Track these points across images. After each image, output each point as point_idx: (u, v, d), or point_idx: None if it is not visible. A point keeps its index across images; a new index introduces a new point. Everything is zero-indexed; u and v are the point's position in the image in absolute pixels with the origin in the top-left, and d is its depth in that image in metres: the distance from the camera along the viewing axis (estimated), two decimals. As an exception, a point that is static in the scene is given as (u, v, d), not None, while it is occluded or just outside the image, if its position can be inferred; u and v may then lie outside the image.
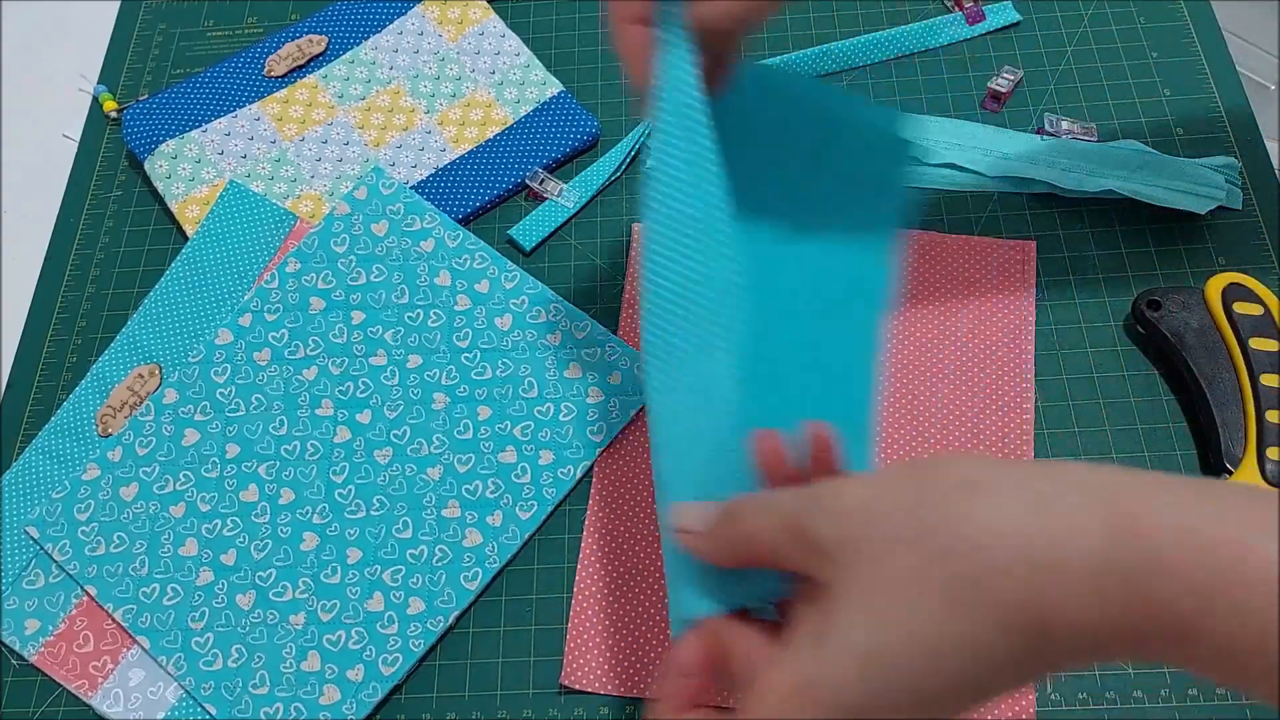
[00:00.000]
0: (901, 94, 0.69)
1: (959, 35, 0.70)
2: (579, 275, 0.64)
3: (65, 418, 0.60)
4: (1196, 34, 0.69)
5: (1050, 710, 0.51)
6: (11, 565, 0.56)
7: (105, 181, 0.71)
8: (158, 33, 0.77)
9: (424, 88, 0.70)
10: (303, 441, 0.58)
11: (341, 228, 0.63)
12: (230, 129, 0.69)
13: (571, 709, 0.52)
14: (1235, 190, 0.62)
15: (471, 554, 0.56)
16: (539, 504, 0.57)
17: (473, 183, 0.67)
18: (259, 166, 0.68)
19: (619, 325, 0.62)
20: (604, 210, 0.66)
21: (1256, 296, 0.56)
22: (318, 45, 0.72)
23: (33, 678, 0.55)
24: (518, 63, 0.71)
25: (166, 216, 0.68)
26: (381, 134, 0.69)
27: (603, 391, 0.59)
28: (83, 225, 0.69)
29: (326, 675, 0.53)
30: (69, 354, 0.64)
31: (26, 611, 0.55)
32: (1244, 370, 0.55)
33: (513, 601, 0.55)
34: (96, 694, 0.53)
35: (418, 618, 0.54)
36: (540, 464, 0.58)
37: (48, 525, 0.56)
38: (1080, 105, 0.67)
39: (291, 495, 0.57)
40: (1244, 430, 0.54)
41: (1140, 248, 0.62)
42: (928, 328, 0.60)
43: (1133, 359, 0.59)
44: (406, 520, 0.56)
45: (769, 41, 0.71)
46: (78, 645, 0.54)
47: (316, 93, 0.70)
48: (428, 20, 0.73)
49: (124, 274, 0.67)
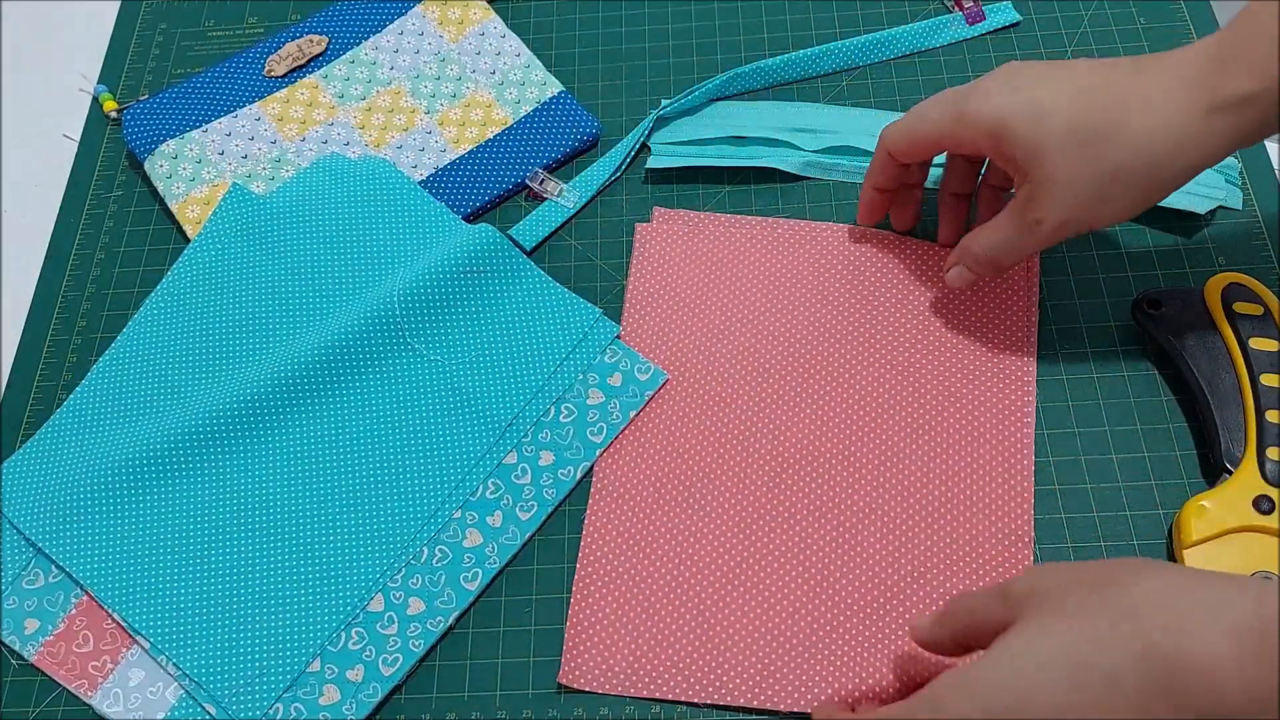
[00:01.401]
0: (901, 94, 0.69)
1: (959, 35, 0.70)
2: (579, 275, 0.64)
3: (66, 416, 0.60)
4: (1196, 34, 0.69)
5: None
6: (11, 565, 0.56)
7: (105, 181, 0.71)
8: (158, 33, 0.77)
9: (424, 88, 0.71)
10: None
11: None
12: (231, 129, 0.69)
13: (571, 709, 0.52)
14: (1235, 190, 0.62)
15: (471, 554, 0.56)
16: (539, 505, 0.57)
17: (473, 183, 0.67)
18: (259, 167, 0.68)
19: (620, 326, 0.62)
20: (604, 210, 0.66)
21: (1256, 296, 0.56)
22: (318, 45, 0.72)
23: (33, 678, 0.55)
24: (518, 63, 0.71)
25: (166, 216, 0.68)
26: (382, 134, 0.69)
27: (603, 393, 0.59)
28: (83, 225, 0.69)
29: (326, 675, 0.53)
30: (69, 354, 0.64)
31: (26, 611, 0.55)
32: (1244, 370, 0.55)
33: (513, 601, 0.55)
34: (96, 694, 0.53)
35: (418, 618, 0.54)
36: (540, 465, 0.58)
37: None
38: (1080, 105, 0.67)
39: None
40: (1244, 430, 0.54)
41: (1140, 248, 0.62)
42: (925, 336, 0.60)
43: (1133, 359, 0.59)
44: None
45: (769, 42, 0.71)
46: (78, 645, 0.54)
47: (317, 93, 0.70)
48: (428, 20, 0.73)
49: (124, 274, 0.67)
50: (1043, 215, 0.50)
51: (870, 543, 0.54)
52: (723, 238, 0.63)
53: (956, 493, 0.55)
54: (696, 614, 0.53)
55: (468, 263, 0.62)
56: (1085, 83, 0.49)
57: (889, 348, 0.59)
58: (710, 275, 0.62)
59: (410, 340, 0.60)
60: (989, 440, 0.56)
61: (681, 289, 0.62)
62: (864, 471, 0.56)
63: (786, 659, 0.52)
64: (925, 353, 0.59)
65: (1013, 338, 0.59)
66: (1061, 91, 0.49)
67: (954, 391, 0.58)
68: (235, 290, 0.63)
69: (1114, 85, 0.49)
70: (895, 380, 0.58)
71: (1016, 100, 0.50)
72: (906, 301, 0.61)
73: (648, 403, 0.59)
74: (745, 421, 0.58)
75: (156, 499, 0.57)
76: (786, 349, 0.60)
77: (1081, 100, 0.49)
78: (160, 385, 0.61)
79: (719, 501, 0.56)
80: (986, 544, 0.54)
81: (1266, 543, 0.51)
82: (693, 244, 0.63)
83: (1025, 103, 0.50)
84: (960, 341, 0.59)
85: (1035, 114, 0.49)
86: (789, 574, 0.54)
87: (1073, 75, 0.50)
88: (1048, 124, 0.49)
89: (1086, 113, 0.48)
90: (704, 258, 0.63)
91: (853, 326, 0.60)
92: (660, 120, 0.68)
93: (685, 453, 0.58)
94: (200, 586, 0.55)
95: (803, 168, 0.65)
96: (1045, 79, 0.50)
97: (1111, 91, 0.48)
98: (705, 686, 0.52)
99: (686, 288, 0.62)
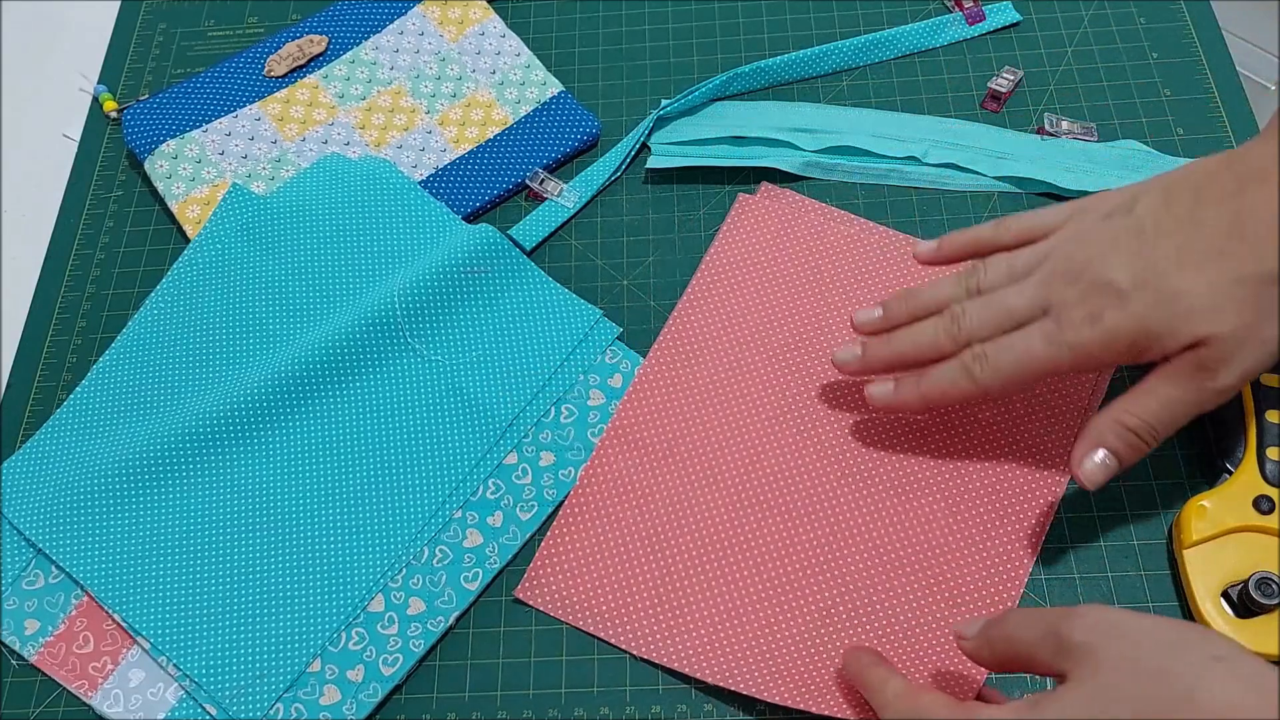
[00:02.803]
0: (901, 94, 0.69)
1: (959, 35, 0.70)
2: (579, 275, 0.64)
3: (66, 416, 0.60)
4: (1196, 34, 0.69)
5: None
6: (11, 565, 0.56)
7: (105, 181, 0.71)
8: (158, 33, 0.77)
9: (424, 88, 0.70)
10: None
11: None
12: (231, 129, 0.69)
13: (571, 709, 0.52)
14: (1235, 190, 0.62)
15: (472, 554, 0.56)
16: (539, 505, 0.57)
17: (473, 183, 0.67)
18: (260, 167, 0.68)
19: (621, 326, 0.62)
20: (604, 210, 0.66)
21: (1257, 297, 0.56)
22: (318, 45, 0.72)
23: (33, 678, 0.55)
24: (518, 63, 0.71)
25: (166, 216, 0.68)
26: (382, 134, 0.69)
27: (603, 393, 0.59)
28: (83, 225, 0.69)
29: (326, 675, 0.53)
30: (69, 354, 0.64)
31: (26, 612, 0.55)
32: (1244, 370, 0.55)
33: (513, 602, 0.55)
34: (96, 694, 0.53)
35: (418, 618, 0.54)
36: (540, 465, 0.58)
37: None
38: (1080, 105, 0.67)
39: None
40: (1244, 430, 0.54)
41: (1140, 248, 0.62)
42: None
43: (1133, 359, 0.59)
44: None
45: (769, 41, 0.72)
46: (78, 645, 0.54)
47: (317, 93, 0.70)
48: (428, 20, 0.73)
49: (124, 274, 0.67)
50: (1219, 376, 0.45)
51: (860, 555, 0.54)
52: (819, 227, 0.63)
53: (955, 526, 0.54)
54: (666, 574, 0.54)
55: (468, 263, 0.62)
56: (1200, 242, 0.46)
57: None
58: (790, 259, 0.62)
59: (410, 340, 0.60)
60: (1014, 472, 0.56)
61: (759, 265, 0.62)
62: (871, 481, 0.56)
63: (737, 639, 0.52)
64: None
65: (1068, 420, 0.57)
66: (1185, 263, 0.45)
67: (991, 440, 0.56)
68: (235, 290, 0.63)
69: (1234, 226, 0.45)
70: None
71: (1144, 303, 0.46)
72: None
73: (688, 355, 0.60)
74: (772, 407, 0.58)
75: (156, 499, 0.57)
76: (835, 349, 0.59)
77: (1217, 258, 0.45)
78: (160, 385, 0.61)
79: (721, 476, 0.56)
80: (977, 577, 0.53)
81: (1266, 543, 0.51)
82: (785, 225, 0.63)
83: (1156, 300, 0.45)
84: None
85: (1169, 303, 0.45)
86: (767, 562, 0.54)
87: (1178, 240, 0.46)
88: (1192, 301, 0.45)
89: (1231, 265, 0.44)
90: (792, 241, 0.63)
91: None
92: (660, 120, 0.68)
93: (706, 418, 0.58)
94: (200, 587, 0.55)
95: (803, 168, 0.65)
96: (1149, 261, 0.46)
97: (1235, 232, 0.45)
98: (651, 642, 0.52)
99: (765, 265, 0.62)
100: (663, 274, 0.64)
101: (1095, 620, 0.40)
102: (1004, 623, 0.44)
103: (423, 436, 0.58)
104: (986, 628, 0.44)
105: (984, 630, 0.44)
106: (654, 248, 0.65)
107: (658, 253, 0.64)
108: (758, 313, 0.61)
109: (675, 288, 0.63)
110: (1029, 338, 0.49)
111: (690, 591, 0.54)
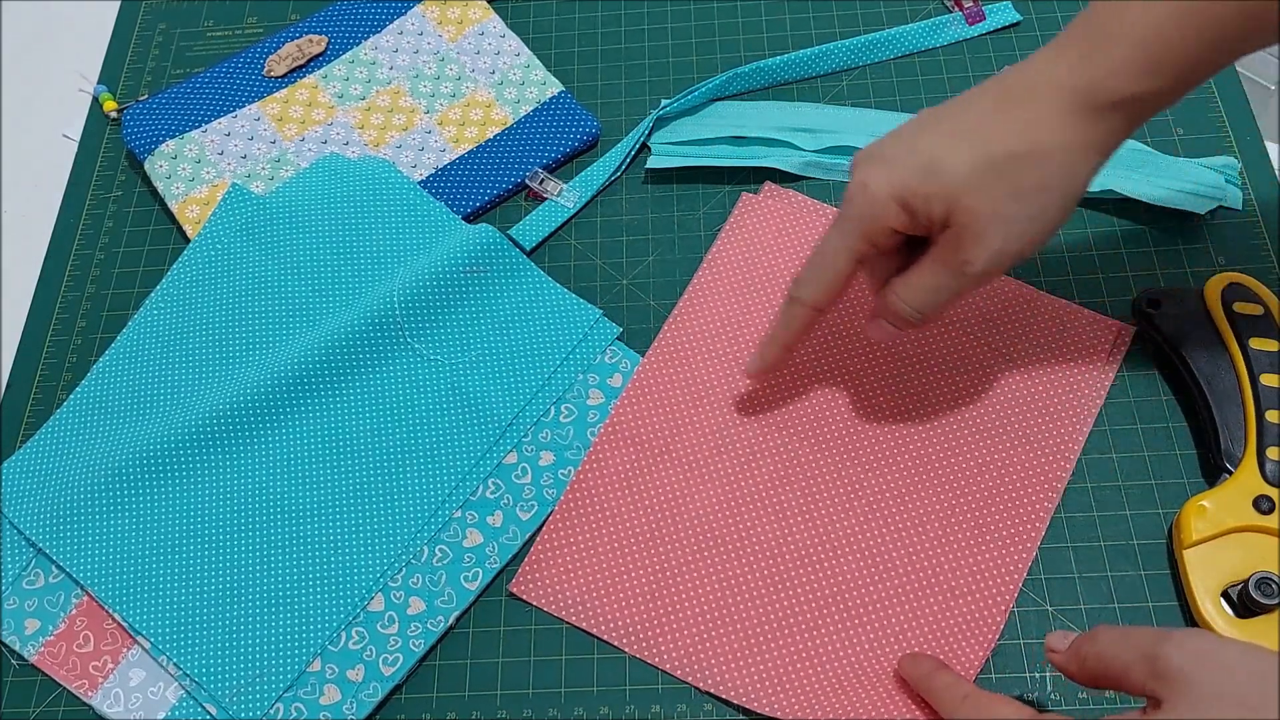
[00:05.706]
0: (901, 94, 0.69)
1: (959, 35, 0.70)
2: (579, 275, 0.64)
3: (66, 416, 0.60)
4: (1196, 34, 0.69)
5: (1051, 709, 0.51)
6: (11, 565, 0.56)
7: (105, 181, 0.71)
8: (158, 33, 0.77)
9: (424, 88, 0.70)
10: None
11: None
12: (230, 129, 0.69)
13: (571, 708, 0.52)
14: (1235, 190, 0.62)
15: (472, 554, 0.56)
16: (539, 504, 0.57)
17: (473, 183, 0.67)
18: (259, 167, 0.68)
19: (621, 326, 0.62)
20: (604, 210, 0.66)
21: (1256, 296, 0.56)
22: (318, 45, 0.72)
23: (33, 678, 0.55)
24: (518, 63, 0.71)
25: (166, 216, 0.68)
26: (381, 134, 0.69)
27: (603, 393, 0.59)
28: (83, 225, 0.69)
29: (327, 675, 0.53)
30: (69, 354, 0.64)
31: (26, 611, 0.55)
32: (1244, 370, 0.55)
33: (512, 602, 0.55)
34: (96, 694, 0.53)
35: (418, 618, 0.54)
36: (540, 465, 0.58)
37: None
38: (1080, 105, 0.67)
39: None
40: (1244, 430, 0.54)
41: (1140, 248, 0.62)
42: (976, 381, 0.58)
43: (1133, 359, 0.59)
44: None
45: (769, 41, 0.72)
46: (78, 645, 0.54)
47: (316, 93, 0.70)
48: (428, 20, 0.73)
49: (124, 274, 0.67)
50: (972, 255, 0.48)
51: (854, 555, 0.54)
52: (820, 228, 0.63)
53: (952, 534, 0.54)
54: (659, 571, 0.54)
55: (468, 263, 0.62)
56: (964, 123, 0.48)
57: (942, 367, 0.58)
58: (792, 260, 0.62)
59: (410, 340, 0.60)
60: (1009, 484, 0.56)
61: (761, 265, 0.63)
62: (867, 480, 0.56)
63: (728, 643, 0.52)
64: (976, 375, 0.58)
65: (1067, 417, 0.57)
66: (951, 139, 0.48)
67: (986, 444, 0.57)
68: (235, 290, 0.63)
69: (997, 113, 0.48)
70: (941, 395, 0.58)
71: (909, 166, 0.48)
72: (979, 325, 0.60)
73: (688, 352, 0.60)
74: (769, 407, 0.58)
75: (156, 499, 0.57)
76: (841, 349, 0.59)
77: (975, 137, 0.48)
78: (160, 385, 0.61)
79: (719, 476, 0.56)
80: (980, 564, 0.54)
81: (1266, 543, 0.51)
82: (787, 226, 0.64)
83: (920, 164, 0.48)
84: (1007, 405, 0.57)
85: (931, 168, 0.48)
86: (760, 561, 0.54)
87: (947, 123, 0.49)
88: (951, 169, 0.47)
89: (987, 144, 0.47)
90: (793, 242, 0.63)
91: (916, 340, 0.59)
92: (660, 120, 0.68)
93: (703, 417, 0.58)
94: (200, 586, 0.55)
95: (803, 168, 0.65)
96: (920, 138, 0.49)
97: (998, 120, 0.48)
98: (643, 640, 0.53)
99: (766, 265, 0.62)
100: (662, 274, 0.64)
101: (1195, 648, 0.40)
102: (1096, 640, 0.43)
103: (423, 436, 0.58)
104: (1079, 643, 0.44)
105: (1076, 645, 0.44)
106: (654, 248, 0.65)
107: (657, 253, 0.64)
108: (758, 313, 0.61)
109: (675, 288, 0.63)
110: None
111: (683, 590, 0.54)
